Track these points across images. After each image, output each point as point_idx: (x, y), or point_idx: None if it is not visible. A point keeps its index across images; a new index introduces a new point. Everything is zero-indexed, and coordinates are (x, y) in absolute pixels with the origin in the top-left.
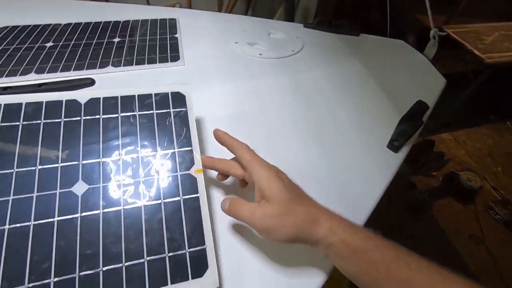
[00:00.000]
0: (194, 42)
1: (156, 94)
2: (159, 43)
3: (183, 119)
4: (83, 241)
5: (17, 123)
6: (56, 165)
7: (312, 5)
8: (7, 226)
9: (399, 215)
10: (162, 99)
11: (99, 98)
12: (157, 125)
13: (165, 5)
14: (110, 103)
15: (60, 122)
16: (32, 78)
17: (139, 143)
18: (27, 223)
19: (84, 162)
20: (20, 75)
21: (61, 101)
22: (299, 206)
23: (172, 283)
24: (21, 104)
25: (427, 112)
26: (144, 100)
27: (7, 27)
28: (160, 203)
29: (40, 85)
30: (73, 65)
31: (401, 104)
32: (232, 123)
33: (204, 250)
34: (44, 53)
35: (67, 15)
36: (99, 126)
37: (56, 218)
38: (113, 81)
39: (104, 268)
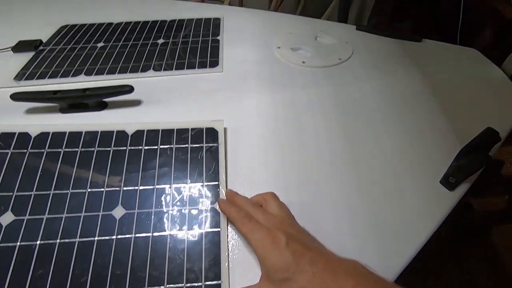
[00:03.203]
0: (236, 45)
1: (192, 129)
2: (200, 46)
3: (214, 154)
4: (115, 261)
5: (77, 149)
6: (102, 189)
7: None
8: (58, 240)
9: (449, 239)
10: (197, 134)
11: (144, 131)
12: (190, 158)
13: None
14: (152, 135)
15: (110, 150)
16: (81, 80)
17: (172, 175)
18: (74, 240)
19: (125, 188)
20: (71, 76)
21: (112, 132)
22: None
23: None
24: (81, 132)
25: (497, 145)
26: (182, 134)
27: (67, 25)
28: (184, 234)
29: (84, 90)
30: (118, 68)
31: (465, 129)
32: (265, 139)
33: (219, 285)
34: (94, 54)
35: (120, 13)
36: (141, 156)
37: (97, 238)
38: (151, 87)
39: None
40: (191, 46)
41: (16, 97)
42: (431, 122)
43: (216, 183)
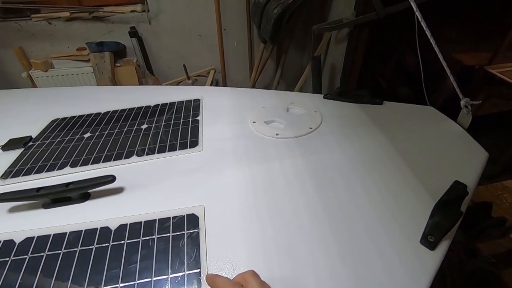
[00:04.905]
0: (214, 123)
1: (174, 217)
2: (181, 128)
3: (194, 240)
4: None
5: (59, 251)
6: None
7: (339, 62)
8: None
9: None
10: (178, 221)
11: (127, 224)
12: (171, 247)
13: (202, 71)
14: (135, 228)
15: (92, 249)
16: (67, 172)
17: (153, 267)
18: None
19: (105, 287)
20: (57, 169)
21: (96, 229)
22: None
23: None
24: (65, 233)
25: (466, 198)
26: (163, 223)
27: (57, 119)
28: None
29: (67, 184)
30: (103, 156)
31: (434, 184)
32: (244, 214)
33: None
34: (81, 145)
35: (108, 102)
36: (123, 251)
37: None
38: (134, 172)
39: None
40: (172, 128)
41: None
42: (402, 181)
43: (198, 270)
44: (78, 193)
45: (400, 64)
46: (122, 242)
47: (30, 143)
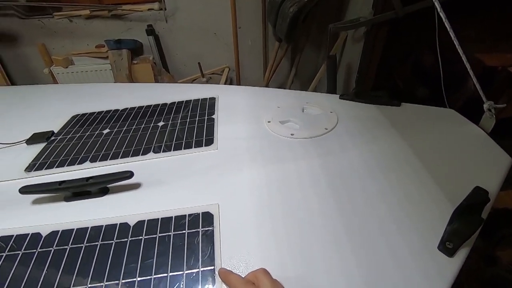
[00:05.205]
0: (229, 122)
1: (189, 215)
2: (197, 126)
3: (209, 237)
4: None
5: (82, 245)
6: (101, 284)
7: (355, 63)
8: None
9: None
10: (194, 219)
11: (145, 221)
12: (187, 244)
13: (216, 69)
14: (152, 224)
15: (112, 243)
16: (87, 167)
17: (169, 263)
18: None
19: (124, 281)
20: (77, 163)
21: (116, 224)
22: None
23: None
24: (87, 228)
25: (487, 205)
26: (179, 220)
27: (77, 115)
28: None
29: (88, 179)
30: (121, 152)
31: (454, 190)
32: (258, 213)
33: None
34: (100, 141)
35: (127, 99)
36: (140, 247)
37: None
38: (151, 169)
39: None
40: (188, 126)
41: (24, 190)
42: (419, 185)
43: (212, 268)
44: (98, 187)
45: (418, 64)
46: (140, 237)
47: (52, 138)
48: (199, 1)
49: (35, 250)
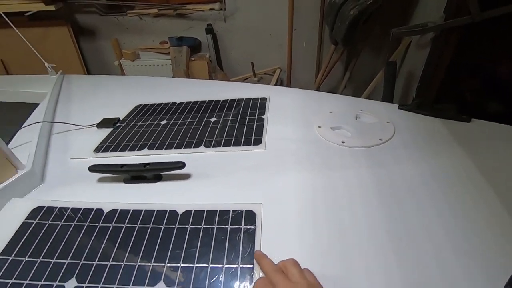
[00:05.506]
0: (279, 123)
1: (233, 211)
2: (247, 124)
3: (251, 236)
4: None
5: (135, 225)
6: (149, 264)
7: (417, 70)
8: None
9: None
10: (237, 216)
11: (191, 211)
12: (228, 239)
13: (268, 70)
14: (198, 215)
15: (161, 228)
16: (145, 153)
17: (211, 254)
18: None
19: (168, 265)
20: (137, 149)
21: (166, 211)
22: None
23: None
24: (141, 210)
25: None
26: (223, 215)
27: (140, 105)
28: None
29: (145, 165)
30: (175, 143)
31: None
32: (301, 218)
33: None
34: (158, 131)
35: (184, 94)
36: (186, 235)
37: None
38: (201, 162)
39: None
40: (239, 124)
41: (92, 169)
42: (486, 212)
43: (251, 266)
44: (153, 173)
45: (493, 75)
46: (186, 226)
47: (118, 124)
48: (258, 2)
49: (97, 224)
